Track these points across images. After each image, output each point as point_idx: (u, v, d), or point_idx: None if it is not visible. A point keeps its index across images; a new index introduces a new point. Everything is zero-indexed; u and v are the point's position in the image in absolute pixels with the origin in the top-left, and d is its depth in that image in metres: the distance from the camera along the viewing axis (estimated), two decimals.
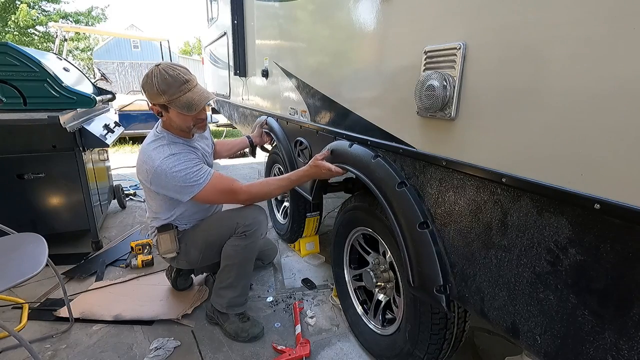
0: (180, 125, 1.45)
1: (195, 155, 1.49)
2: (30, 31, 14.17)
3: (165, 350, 1.49)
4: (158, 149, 1.42)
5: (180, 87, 1.35)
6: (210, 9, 3.72)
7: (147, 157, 1.41)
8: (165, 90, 1.34)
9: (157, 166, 1.37)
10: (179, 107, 1.37)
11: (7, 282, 1.15)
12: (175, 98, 1.35)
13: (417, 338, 1.18)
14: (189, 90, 1.37)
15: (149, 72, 1.37)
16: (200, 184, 1.40)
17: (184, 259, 1.62)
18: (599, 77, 0.60)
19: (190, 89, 1.37)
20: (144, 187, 1.52)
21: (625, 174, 0.57)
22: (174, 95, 1.35)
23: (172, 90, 1.34)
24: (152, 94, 1.37)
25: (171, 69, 1.35)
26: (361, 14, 1.26)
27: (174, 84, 1.34)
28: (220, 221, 1.58)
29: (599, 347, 0.64)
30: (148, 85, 1.36)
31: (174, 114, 1.41)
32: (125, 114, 6.08)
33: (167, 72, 1.34)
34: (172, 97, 1.35)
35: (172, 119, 1.43)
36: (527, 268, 0.75)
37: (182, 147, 1.46)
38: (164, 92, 1.34)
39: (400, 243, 1.09)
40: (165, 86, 1.33)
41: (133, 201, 3.36)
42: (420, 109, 0.98)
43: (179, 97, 1.36)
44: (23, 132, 1.97)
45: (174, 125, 1.46)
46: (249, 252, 1.56)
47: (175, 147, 1.43)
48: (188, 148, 1.49)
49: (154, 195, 1.51)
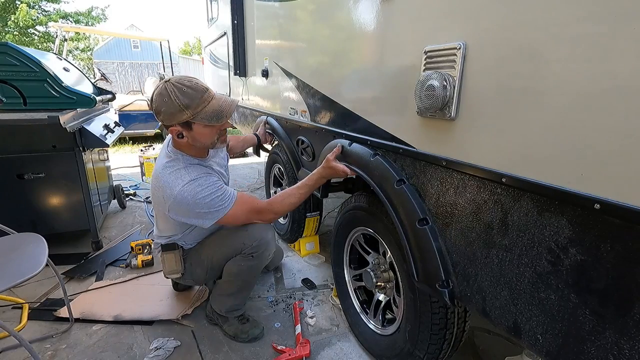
0: (204, 143, 1.33)
1: (216, 177, 1.38)
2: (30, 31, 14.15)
3: (165, 350, 1.49)
4: (175, 173, 1.30)
5: (202, 96, 1.23)
6: (210, 9, 3.72)
7: (165, 184, 1.30)
8: (189, 104, 1.20)
9: (177, 193, 1.27)
10: (206, 119, 1.24)
11: (7, 282, 1.15)
12: (200, 110, 1.23)
13: (417, 338, 1.18)
14: (212, 98, 1.26)
15: (161, 91, 1.21)
16: (225, 207, 1.32)
17: (189, 278, 1.57)
18: (599, 77, 0.60)
19: (212, 96, 1.26)
20: (157, 209, 1.45)
21: (625, 174, 0.58)
22: (199, 107, 1.22)
23: (196, 102, 1.21)
24: (173, 113, 1.22)
25: (186, 80, 1.23)
26: (361, 13, 1.26)
27: (196, 95, 1.22)
28: (226, 240, 1.49)
29: (600, 347, 0.64)
30: (165, 104, 1.21)
31: (198, 130, 1.28)
32: (125, 114, 6.08)
33: (183, 84, 1.21)
34: (197, 109, 1.22)
35: (195, 137, 1.30)
36: (528, 267, 0.75)
37: (200, 170, 1.35)
38: (187, 106, 1.21)
39: (402, 239, 1.09)
40: (188, 99, 1.20)
41: (133, 201, 3.35)
42: (421, 109, 0.98)
43: (204, 107, 1.23)
44: (23, 132, 1.97)
45: (197, 144, 1.33)
46: (254, 271, 1.52)
47: (193, 171, 1.32)
48: (205, 169, 1.38)
49: (165, 218, 1.42)
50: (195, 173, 1.32)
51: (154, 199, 1.40)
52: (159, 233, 1.55)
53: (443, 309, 1.12)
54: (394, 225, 1.14)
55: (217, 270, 1.53)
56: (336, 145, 1.43)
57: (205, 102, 1.24)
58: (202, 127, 1.28)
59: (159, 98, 1.23)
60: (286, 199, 1.45)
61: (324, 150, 1.56)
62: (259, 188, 3.90)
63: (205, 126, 1.28)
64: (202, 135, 1.30)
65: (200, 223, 1.35)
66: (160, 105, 1.23)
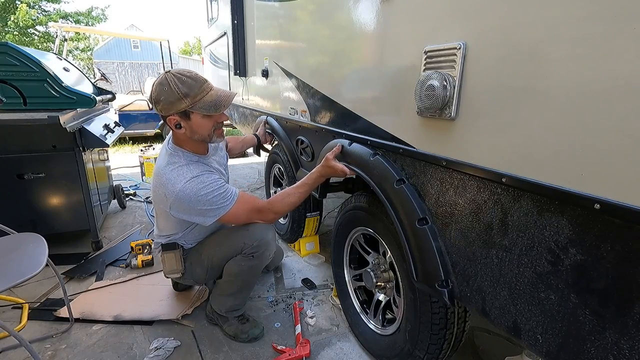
0: (202, 134, 1.34)
1: (217, 175, 1.39)
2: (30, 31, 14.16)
3: (165, 350, 1.49)
4: (176, 170, 1.32)
5: (202, 86, 1.26)
6: (210, 9, 3.73)
7: (166, 181, 1.31)
8: (188, 92, 1.23)
9: (179, 190, 1.28)
10: (204, 108, 1.26)
11: (7, 282, 1.15)
12: (199, 99, 1.25)
13: (417, 338, 1.18)
14: (210, 89, 1.28)
15: (162, 81, 1.24)
16: (226, 205, 1.33)
17: (190, 278, 1.57)
18: (598, 77, 0.60)
19: (211, 87, 1.29)
20: (157, 208, 1.45)
21: (625, 174, 0.57)
22: (198, 95, 1.25)
23: (195, 90, 1.24)
24: (172, 102, 1.24)
25: (186, 71, 1.26)
26: (361, 13, 1.26)
27: (195, 84, 1.25)
28: (226, 240, 1.49)
29: (600, 347, 0.64)
30: (165, 92, 1.23)
31: (196, 120, 1.30)
32: (125, 114, 6.09)
33: (183, 74, 1.24)
34: (196, 98, 1.25)
35: (192, 127, 1.31)
36: (528, 268, 0.75)
37: (202, 167, 1.36)
38: (186, 94, 1.23)
39: (402, 239, 1.09)
40: (187, 88, 1.23)
41: (133, 201, 3.35)
42: (420, 109, 0.98)
43: (203, 97, 1.26)
44: (23, 132, 1.97)
45: (194, 136, 1.34)
46: (254, 271, 1.52)
47: (195, 168, 1.34)
48: (207, 167, 1.40)
49: (165, 216, 1.42)
50: (197, 170, 1.33)
51: (155, 196, 1.40)
52: (159, 232, 1.54)
53: (443, 309, 1.12)
54: (393, 225, 1.14)
55: (217, 270, 1.53)
56: (336, 145, 1.43)
57: (204, 92, 1.27)
58: (199, 118, 1.30)
59: (159, 87, 1.25)
60: (286, 198, 1.45)
61: (324, 150, 1.56)
62: (259, 188, 3.90)
63: (203, 117, 1.30)
64: (199, 126, 1.32)
65: (202, 221, 1.35)
66: (159, 94, 1.25)
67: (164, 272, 1.55)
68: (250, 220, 1.45)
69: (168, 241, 1.51)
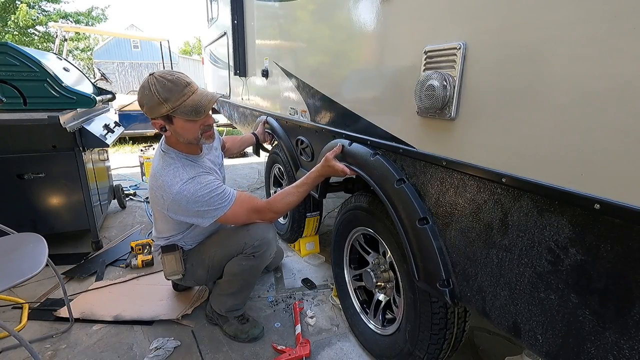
0: (187, 138, 1.33)
1: (213, 176, 1.39)
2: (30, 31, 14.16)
3: (165, 350, 1.49)
4: (172, 172, 1.31)
5: (182, 90, 1.23)
6: (210, 9, 3.72)
7: (163, 183, 1.30)
8: (168, 97, 1.21)
9: (176, 192, 1.27)
10: (185, 114, 1.25)
11: (7, 282, 1.15)
12: (179, 104, 1.23)
13: (417, 338, 1.18)
14: (192, 93, 1.26)
15: (144, 84, 1.24)
16: (224, 206, 1.33)
17: (190, 279, 1.57)
18: (598, 77, 0.60)
19: (193, 91, 1.26)
20: (155, 210, 1.44)
21: (625, 174, 0.58)
22: (178, 100, 1.23)
23: (175, 95, 1.22)
24: (153, 106, 1.23)
25: (169, 74, 1.24)
26: (361, 14, 1.26)
27: (176, 88, 1.22)
28: (227, 240, 1.48)
29: (600, 347, 0.64)
30: (146, 96, 1.23)
31: (179, 125, 1.29)
32: (125, 114, 6.09)
33: (165, 77, 1.22)
34: (176, 103, 1.23)
35: (177, 131, 1.30)
36: (528, 268, 0.75)
37: (197, 168, 1.36)
38: (166, 99, 1.21)
39: (403, 239, 1.10)
40: (167, 93, 1.21)
41: (133, 201, 3.35)
42: (421, 109, 0.98)
43: (183, 102, 1.23)
44: (23, 132, 1.97)
45: (180, 139, 1.33)
46: (255, 271, 1.52)
47: (191, 169, 1.33)
48: (201, 168, 1.39)
49: (164, 218, 1.42)
50: (193, 172, 1.33)
51: (152, 198, 1.40)
52: (158, 234, 1.54)
53: (443, 309, 1.12)
54: (394, 225, 1.14)
55: (218, 270, 1.53)
56: (336, 145, 1.43)
57: (185, 97, 1.24)
58: (182, 122, 1.28)
59: (141, 90, 1.25)
60: (285, 197, 1.45)
61: (324, 150, 1.56)
62: (259, 188, 3.90)
63: (187, 121, 1.28)
64: (184, 129, 1.30)
65: (200, 222, 1.35)
66: (142, 97, 1.25)
67: (165, 274, 1.55)
68: (250, 220, 1.45)
69: (167, 243, 1.51)
